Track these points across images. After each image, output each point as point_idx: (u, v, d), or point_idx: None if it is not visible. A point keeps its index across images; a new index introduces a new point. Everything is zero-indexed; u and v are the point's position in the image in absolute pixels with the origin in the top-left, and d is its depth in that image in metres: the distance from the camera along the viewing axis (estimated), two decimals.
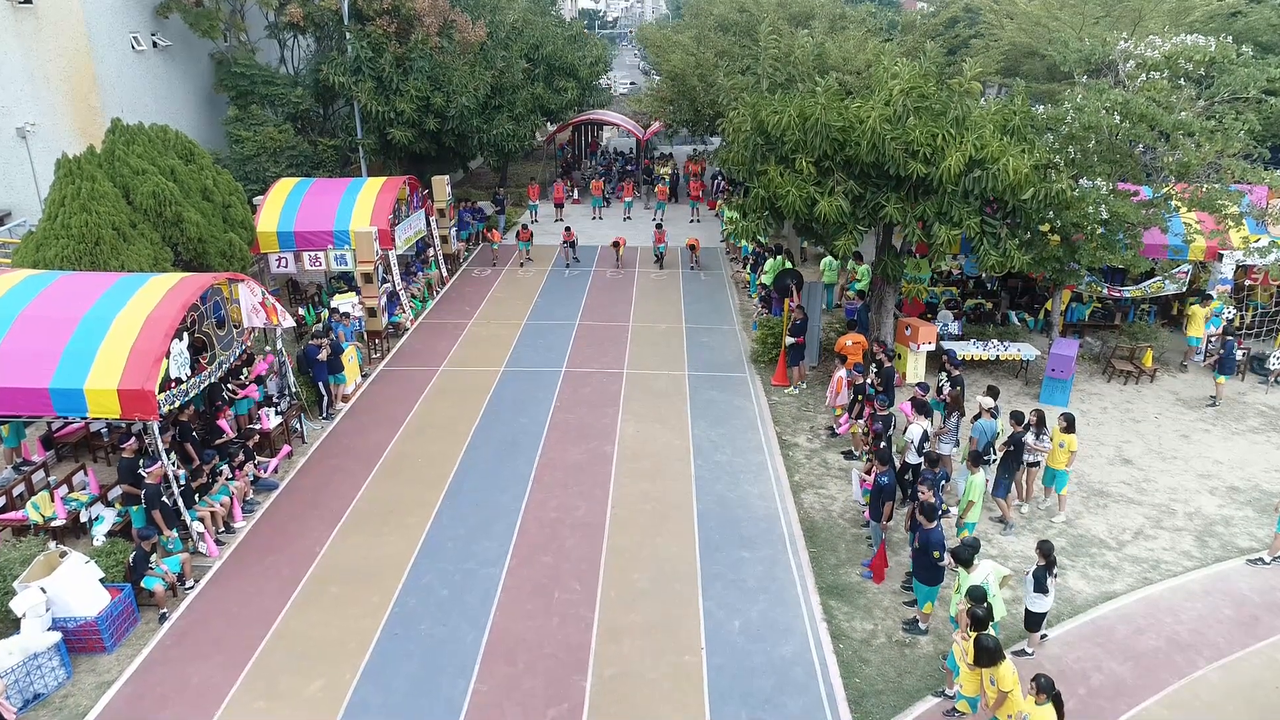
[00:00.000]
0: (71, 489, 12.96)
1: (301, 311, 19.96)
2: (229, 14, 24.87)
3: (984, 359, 17.87)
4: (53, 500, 12.23)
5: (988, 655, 8.08)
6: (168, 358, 11.51)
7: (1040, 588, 9.79)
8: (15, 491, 12.72)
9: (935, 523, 10.30)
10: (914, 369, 17.28)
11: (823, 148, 14.75)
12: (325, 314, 18.42)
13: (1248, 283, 19.34)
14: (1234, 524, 12.93)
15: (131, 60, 23.66)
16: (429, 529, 12.74)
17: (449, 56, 25.44)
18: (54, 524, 12.04)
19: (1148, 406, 16.88)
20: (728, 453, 14.99)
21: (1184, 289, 19.27)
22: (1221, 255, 18.60)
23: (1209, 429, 15.91)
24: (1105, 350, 18.93)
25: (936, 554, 10.00)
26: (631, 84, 64.49)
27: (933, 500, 10.31)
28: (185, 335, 12.12)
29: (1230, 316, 18.95)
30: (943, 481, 12.00)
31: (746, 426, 16.01)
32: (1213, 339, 18.29)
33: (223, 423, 13.87)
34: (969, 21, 29.71)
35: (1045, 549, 9.88)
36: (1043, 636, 10.33)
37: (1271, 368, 17.88)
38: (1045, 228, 16.10)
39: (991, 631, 8.51)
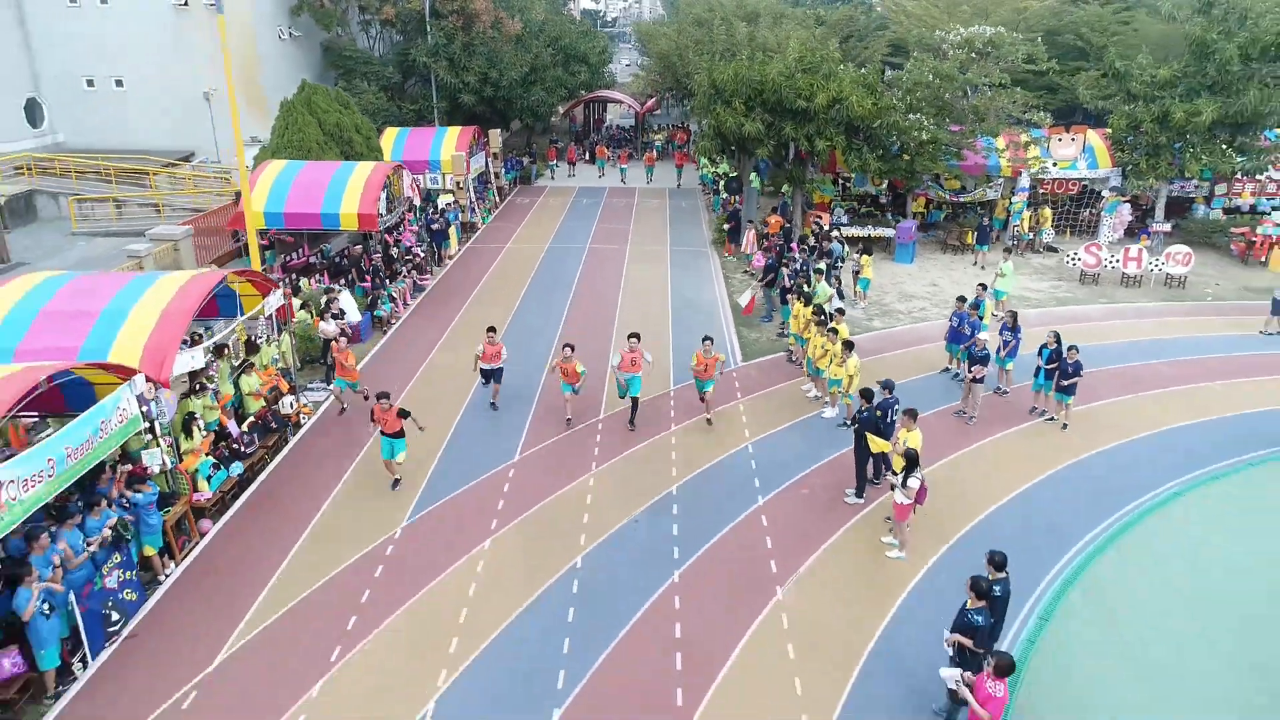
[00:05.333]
0: None
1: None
2: (342, 12, 34.45)
3: (861, 235, 27.41)
4: None
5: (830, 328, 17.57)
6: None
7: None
8: None
9: (780, 272, 19.81)
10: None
11: (747, 93, 24.39)
12: (441, 205, 27.95)
13: (1040, 191, 28.85)
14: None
15: (277, 46, 33.25)
16: (516, 307, 22.33)
17: (498, 44, 35.11)
18: None
19: (959, 261, 26.46)
20: (691, 282, 24.58)
21: (1000, 195, 28.83)
22: (1021, 173, 28.18)
23: (983, 271, 25.51)
24: (945, 235, 28.52)
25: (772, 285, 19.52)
26: (633, 73, 73.99)
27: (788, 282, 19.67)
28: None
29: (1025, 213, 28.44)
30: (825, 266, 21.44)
31: (703, 271, 25.63)
32: (1015, 227, 27.83)
33: (409, 238, 23.51)
34: (876, 22, 39.00)
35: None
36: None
37: (1051, 248, 27.45)
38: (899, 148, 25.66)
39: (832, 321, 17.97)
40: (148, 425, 10.99)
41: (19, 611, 8.82)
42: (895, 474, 11.50)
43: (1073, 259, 25.11)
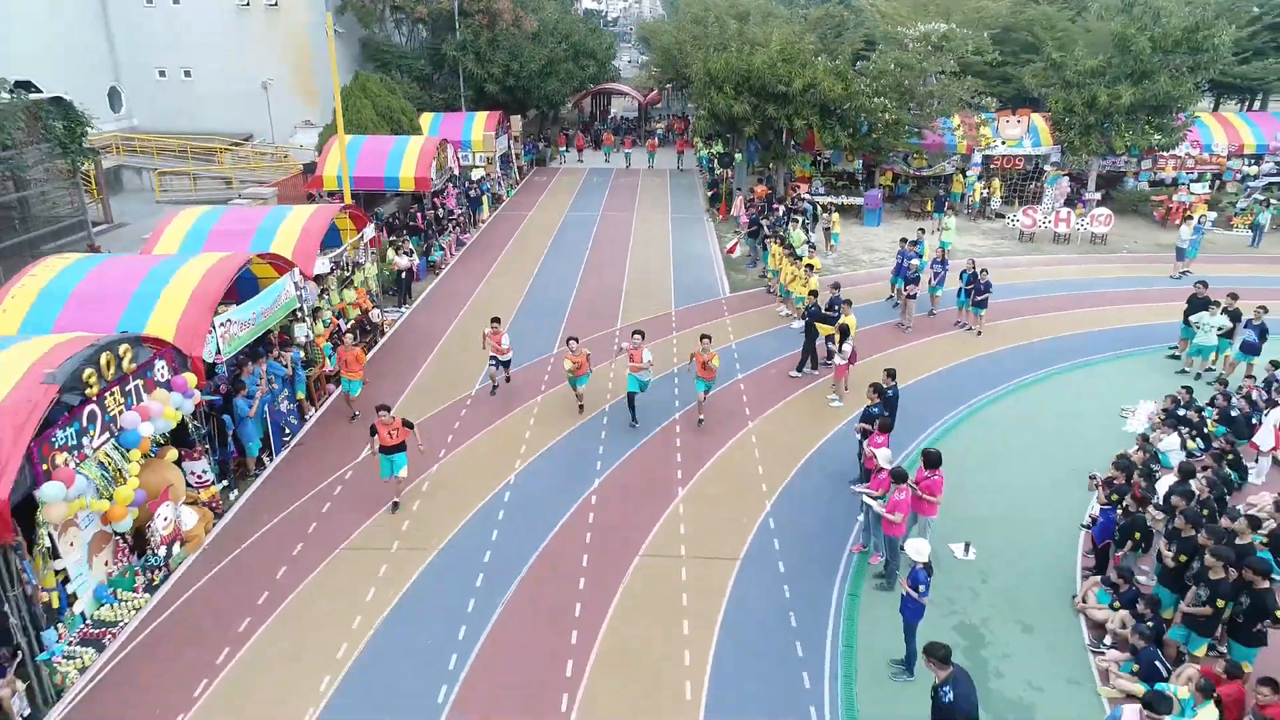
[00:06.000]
0: None
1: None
2: (380, 11, 38.89)
3: (836, 203, 31.80)
4: None
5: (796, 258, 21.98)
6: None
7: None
8: None
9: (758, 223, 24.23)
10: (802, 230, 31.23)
11: (736, 79, 28.82)
12: (476, 177, 32.38)
13: (991, 166, 33.24)
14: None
15: (325, 41, 37.61)
16: (545, 254, 26.75)
17: (518, 40, 39.55)
18: None
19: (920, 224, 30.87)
20: (688, 238, 29.01)
21: (957, 170, 33.24)
22: (974, 150, 32.61)
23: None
24: (908, 204, 32.95)
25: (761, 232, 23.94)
26: (635, 68, 78.57)
27: (771, 232, 24.15)
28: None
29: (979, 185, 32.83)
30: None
31: (698, 231, 30.07)
32: (969, 196, 32.25)
33: (451, 202, 27.96)
34: (853, 20, 43.38)
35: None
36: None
37: (999, 214, 31.88)
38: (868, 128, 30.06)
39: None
40: (299, 307, 15.44)
41: (241, 414, 13.22)
42: (837, 347, 15.95)
43: (1012, 220, 29.57)
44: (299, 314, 15.54)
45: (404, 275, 21.76)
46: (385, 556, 11.57)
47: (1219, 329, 17.30)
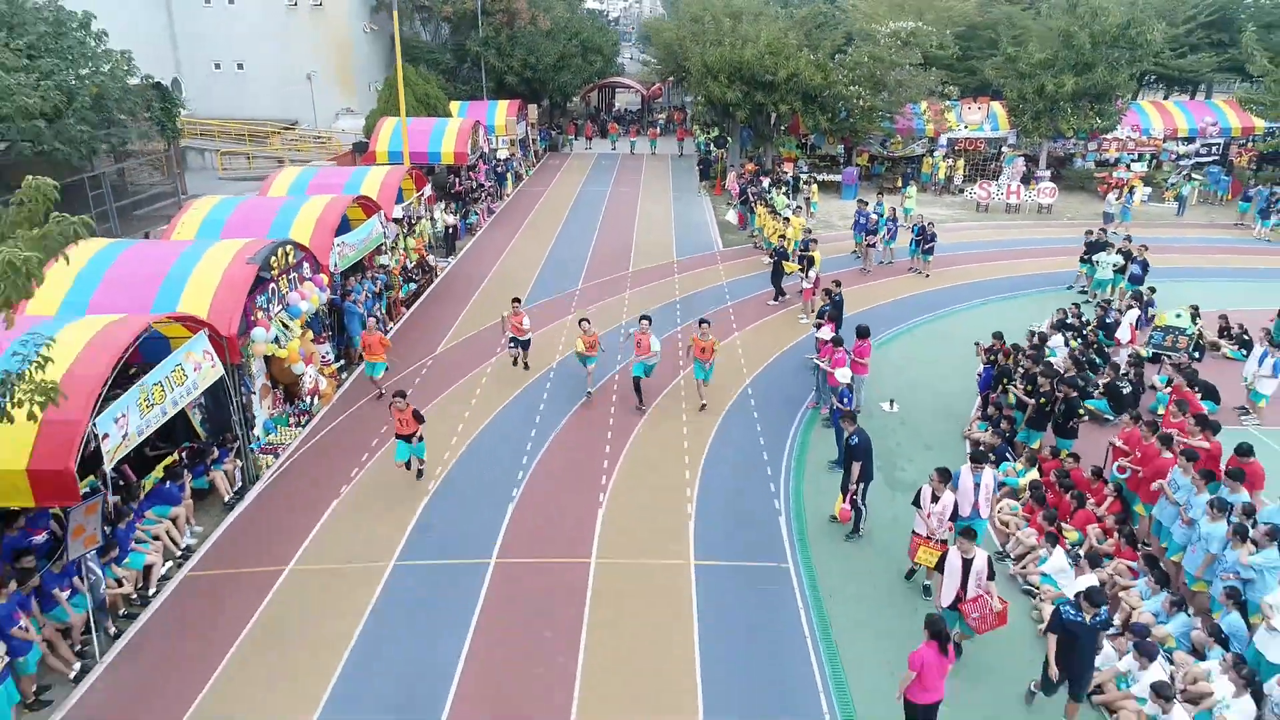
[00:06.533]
0: None
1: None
2: (410, 10, 43.18)
3: (815, 177, 36.05)
4: None
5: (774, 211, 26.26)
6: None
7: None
8: None
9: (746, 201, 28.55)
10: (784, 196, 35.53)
11: (729, 70, 33.11)
12: (502, 157, 36.67)
13: (957, 148, 37.51)
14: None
15: (362, 38, 41.98)
16: (564, 221, 31.04)
17: (534, 36, 43.87)
18: None
19: (891, 198, 35.17)
20: (687, 209, 33.31)
21: (926, 150, 37.51)
22: (940, 133, 36.90)
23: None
24: (882, 181, 37.25)
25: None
26: (637, 64, 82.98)
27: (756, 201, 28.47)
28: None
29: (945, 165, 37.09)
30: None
31: (696, 204, 34.36)
32: (935, 174, 36.52)
33: (481, 176, 32.21)
34: (833, 17, 47.72)
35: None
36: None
37: (961, 190, 36.16)
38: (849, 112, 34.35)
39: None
40: (386, 240, 19.75)
41: (350, 313, 17.44)
42: (804, 273, 20.25)
43: (971, 194, 33.88)
44: (383, 247, 19.83)
45: (449, 231, 26.02)
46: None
47: (1114, 265, 21.61)
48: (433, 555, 11.57)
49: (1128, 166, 36.01)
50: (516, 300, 17.54)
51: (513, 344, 17.20)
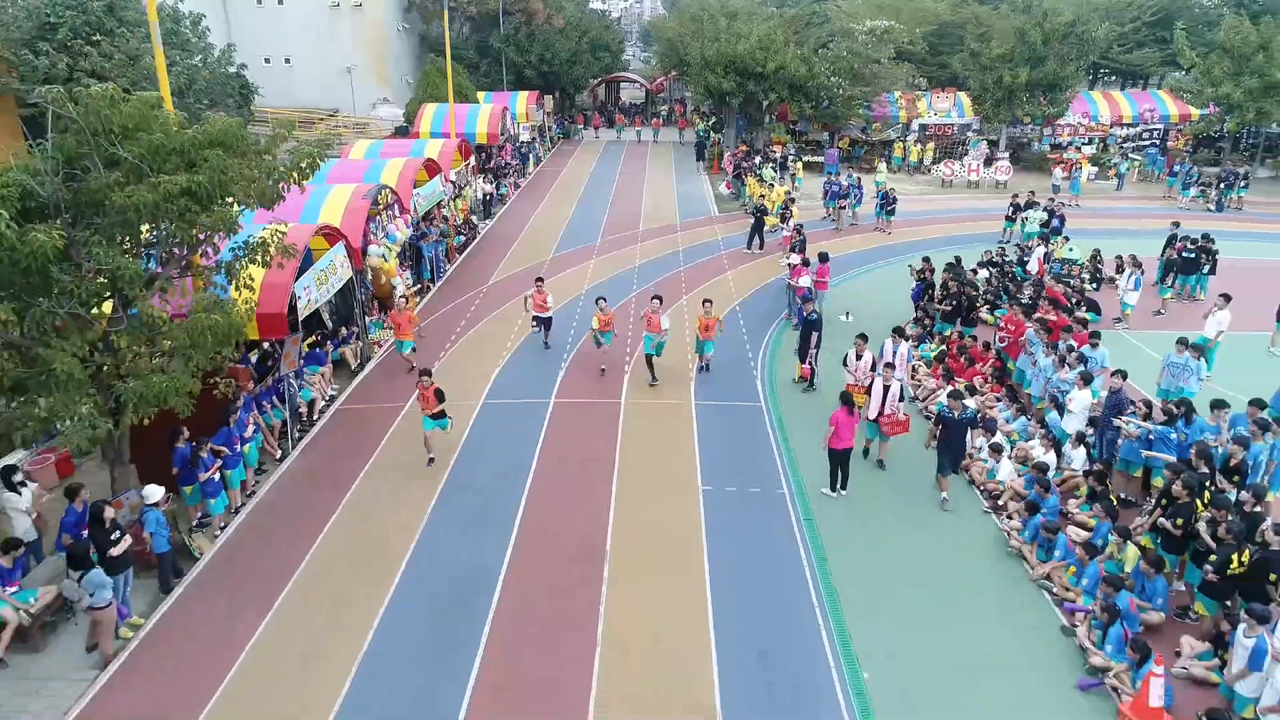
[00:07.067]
0: None
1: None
2: (441, 10, 47.84)
3: (802, 159, 40.71)
4: None
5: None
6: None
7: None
8: None
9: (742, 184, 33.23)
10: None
11: (724, 62, 37.81)
12: (525, 139, 41.33)
13: (928, 133, 42.20)
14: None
15: (397, 35, 46.66)
16: (582, 192, 35.71)
17: (550, 34, 48.58)
18: None
19: (866, 178, 39.86)
20: (688, 185, 37.99)
21: (899, 135, 42.18)
22: (913, 119, 41.58)
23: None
24: (860, 162, 41.94)
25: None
26: (640, 60, 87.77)
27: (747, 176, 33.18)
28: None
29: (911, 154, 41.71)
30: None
31: (695, 181, 39.05)
32: (909, 158, 41.18)
33: (508, 155, 36.95)
34: (820, 15, 52.49)
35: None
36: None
37: (929, 169, 40.83)
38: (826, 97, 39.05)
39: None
40: (445, 197, 24.43)
41: (427, 254, 22.15)
42: (784, 224, 24.94)
43: (937, 172, 38.59)
44: (443, 203, 24.51)
45: (486, 198, 30.67)
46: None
47: (1040, 221, 26.28)
48: (506, 397, 16.28)
49: (1078, 149, 40.69)
50: (539, 280, 18.50)
51: (535, 322, 18.15)
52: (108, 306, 10.55)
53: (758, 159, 36.07)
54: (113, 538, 9.82)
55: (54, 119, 10.00)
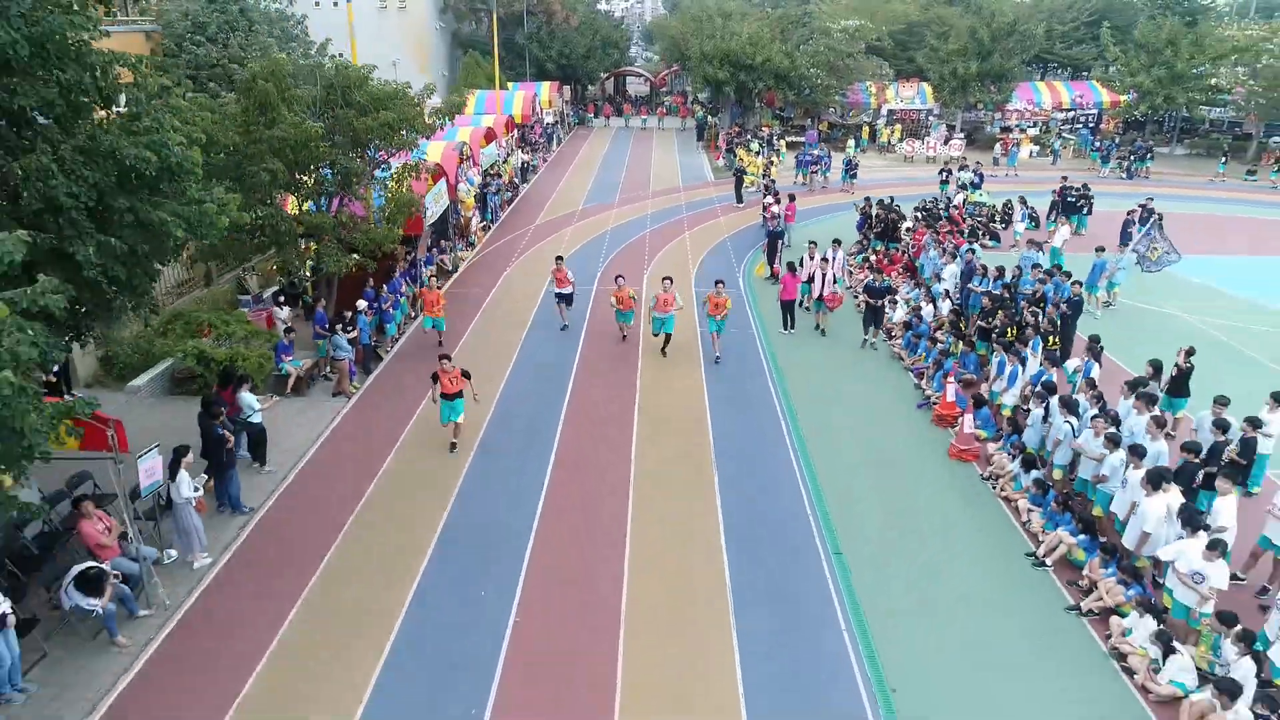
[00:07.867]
0: None
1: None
2: (471, 9, 54.69)
3: (785, 139, 47.45)
4: None
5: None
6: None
7: None
8: None
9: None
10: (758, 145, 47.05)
11: (719, 56, 44.62)
12: (548, 122, 48.12)
13: (895, 117, 48.95)
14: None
15: (435, 32, 53.44)
16: (599, 166, 42.49)
17: (568, 32, 55.39)
18: None
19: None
20: (690, 161, 44.76)
21: (870, 119, 48.94)
22: (882, 105, 48.33)
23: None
24: (837, 140, 48.70)
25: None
26: (645, 57, 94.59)
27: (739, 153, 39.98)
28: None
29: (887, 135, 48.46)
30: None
31: (697, 158, 45.83)
32: (879, 139, 47.93)
33: (537, 134, 43.74)
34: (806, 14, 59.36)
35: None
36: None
37: (894, 145, 47.58)
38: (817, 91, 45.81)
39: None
40: (499, 160, 31.24)
41: (493, 204, 28.96)
42: (766, 179, 31.76)
43: (900, 149, 45.41)
44: (496, 165, 31.29)
45: (524, 166, 37.41)
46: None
47: (969, 181, 33.09)
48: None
49: (1023, 130, 47.48)
50: (560, 258, 19.49)
51: (557, 299, 19.10)
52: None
53: (748, 137, 42.89)
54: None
55: (307, 74, 16.83)
